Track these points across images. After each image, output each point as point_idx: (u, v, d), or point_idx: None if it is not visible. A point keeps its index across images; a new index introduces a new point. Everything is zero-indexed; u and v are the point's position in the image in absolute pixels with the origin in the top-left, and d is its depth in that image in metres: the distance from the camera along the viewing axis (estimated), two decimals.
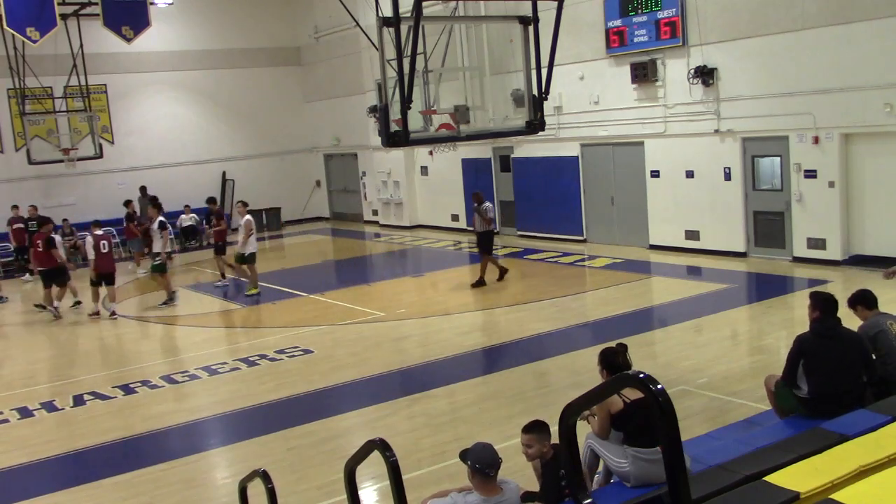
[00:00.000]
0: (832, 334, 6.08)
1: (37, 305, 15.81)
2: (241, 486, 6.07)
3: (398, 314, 13.47)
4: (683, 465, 3.01)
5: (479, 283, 14.93)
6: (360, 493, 5.32)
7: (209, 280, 18.69)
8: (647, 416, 4.99)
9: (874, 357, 6.29)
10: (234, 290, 17.23)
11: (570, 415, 3.95)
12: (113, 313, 15.14)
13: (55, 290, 15.30)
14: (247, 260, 15.82)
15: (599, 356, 5.74)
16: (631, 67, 16.43)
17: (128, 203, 21.41)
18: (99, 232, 15.25)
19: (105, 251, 14.99)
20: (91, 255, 14.94)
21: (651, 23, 16.07)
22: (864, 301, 6.57)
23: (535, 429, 5.30)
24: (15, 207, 21.17)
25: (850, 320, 6.64)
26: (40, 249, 15.20)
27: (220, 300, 16.26)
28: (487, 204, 15.14)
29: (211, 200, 18.98)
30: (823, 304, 6.17)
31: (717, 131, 15.35)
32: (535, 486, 5.37)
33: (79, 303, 15.90)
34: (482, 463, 4.64)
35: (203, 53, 25.98)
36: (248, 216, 15.94)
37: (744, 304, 12.95)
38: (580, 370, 9.59)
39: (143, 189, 23.24)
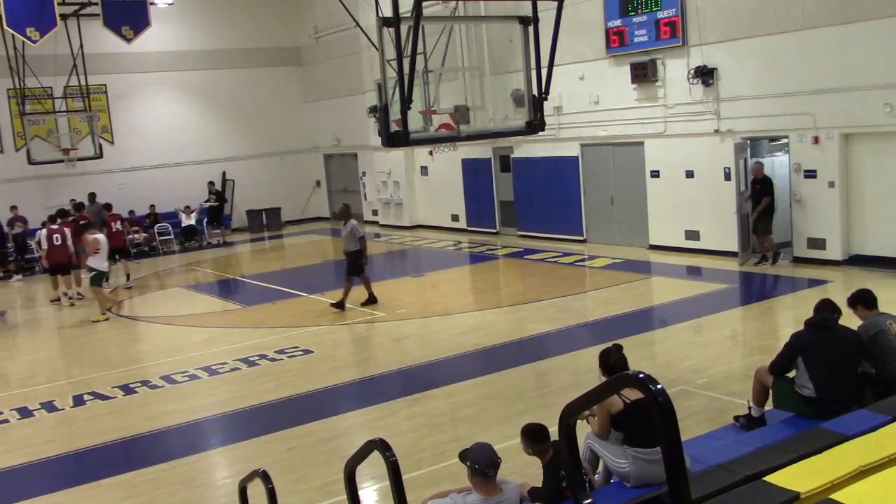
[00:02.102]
0: (827, 325, 6.25)
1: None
2: (241, 486, 6.07)
3: (398, 314, 13.47)
4: (683, 465, 3.01)
5: (339, 306, 13.76)
6: (360, 493, 5.32)
7: (209, 280, 18.70)
8: (647, 416, 4.99)
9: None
10: (233, 288, 17.24)
11: (570, 415, 3.95)
12: (79, 294, 16.74)
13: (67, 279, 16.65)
14: (93, 281, 14.83)
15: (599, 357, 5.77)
16: (631, 67, 16.43)
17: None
18: (53, 226, 16.45)
19: (58, 244, 16.15)
20: (45, 246, 16.09)
21: (651, 23, 16.07)
22: (864, 301, 6.59)
23: (526, 433, 5.32)
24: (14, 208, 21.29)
25: (850, 319, 6.64)
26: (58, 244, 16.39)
27: (219, 300, 16.26)
28: (355, 221, 14.04)
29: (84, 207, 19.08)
30: (820, 304, 6.47)
31: (716, 131, 15.35)
32: (538, 484, 5.38)
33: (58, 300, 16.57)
34: (481, 463, 4.65)
35: (203, 53, 25.98)
36: (96, 235, 15.12)
37: (744, 305, 12.95)
38: (580, 370, 9.60)
39: (91, 195, 22.12)
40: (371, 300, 14.03)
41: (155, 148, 25.20)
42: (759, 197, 14.40)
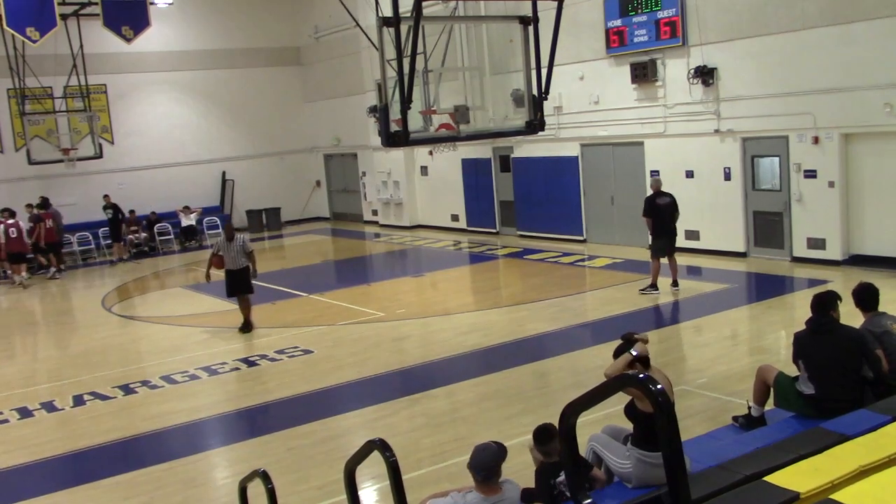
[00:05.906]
0: (823, 329, 6.19)
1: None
2: (241, 486, 6.07)
3: (398, 314, 13.47)
4: (683, 465, 3.01)
5: (247, 327, 12.97)
6: (360, 493, 5.32)
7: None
8: None
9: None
10: None
11: (570, 415, 3.95)
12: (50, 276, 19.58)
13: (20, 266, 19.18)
14: None
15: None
16: (631, 67, 16.43)
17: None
18: (10, 221, 18.58)
19: (14, 236, 18.36)
20: (2, 239, 18.26)
21: (651, 23, 16.07)
22: (862, 302, 6.56)
23: (537, 435, 5.32)
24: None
25: (850, 317, 6.61)
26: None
27: (219, 300, 16.24)
28: (243, 236, 13.14)
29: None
30: (814, 304, 6.32)
31: (717, 131, 15.35)
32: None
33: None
34: (481, 464, 4.66)
35: (203, 53, 25.98)
36: None
37: (744, 304, 12.94)
38: (580, 370, 9.60)
39: (29, 206, 21.37)
40: (247, 327, 12.96)
41: (155, 148, 25.18)
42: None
